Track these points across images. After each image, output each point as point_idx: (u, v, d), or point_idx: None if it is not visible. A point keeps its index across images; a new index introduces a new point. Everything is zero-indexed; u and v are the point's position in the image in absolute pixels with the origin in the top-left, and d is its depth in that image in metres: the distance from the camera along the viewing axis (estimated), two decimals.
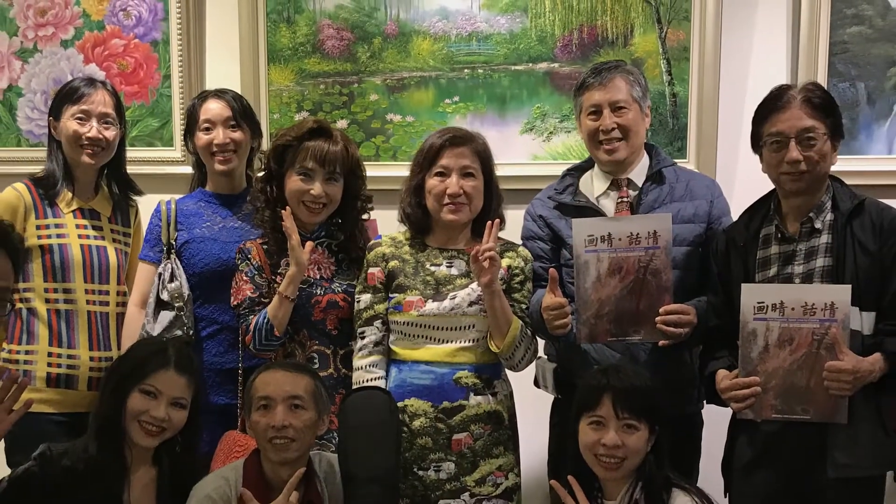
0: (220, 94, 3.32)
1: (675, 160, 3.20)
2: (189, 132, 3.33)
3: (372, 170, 3.27)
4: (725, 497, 2.82)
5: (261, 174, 3.14)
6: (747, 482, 2.75)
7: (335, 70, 3.87)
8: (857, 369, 2.53)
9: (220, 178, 3.32)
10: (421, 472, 2.84)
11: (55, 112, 3.20)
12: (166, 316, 3.12)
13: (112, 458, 2.65)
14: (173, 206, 3.27)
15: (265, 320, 2.88)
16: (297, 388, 2.68)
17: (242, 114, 3.29)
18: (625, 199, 2.99)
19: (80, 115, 3.14)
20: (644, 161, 3.05)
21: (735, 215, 2.95)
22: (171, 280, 3.15)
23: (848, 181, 2.81)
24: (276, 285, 2.93)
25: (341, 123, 3.82)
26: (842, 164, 2.84)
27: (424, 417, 2.84)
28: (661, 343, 2.81)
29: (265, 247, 3.02)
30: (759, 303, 2.62)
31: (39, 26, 3.98)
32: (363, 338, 2.93)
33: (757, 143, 2.77)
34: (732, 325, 2.69)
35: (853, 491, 2.61)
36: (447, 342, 2.88)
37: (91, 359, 3.14)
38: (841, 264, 2.64)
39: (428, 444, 2.83)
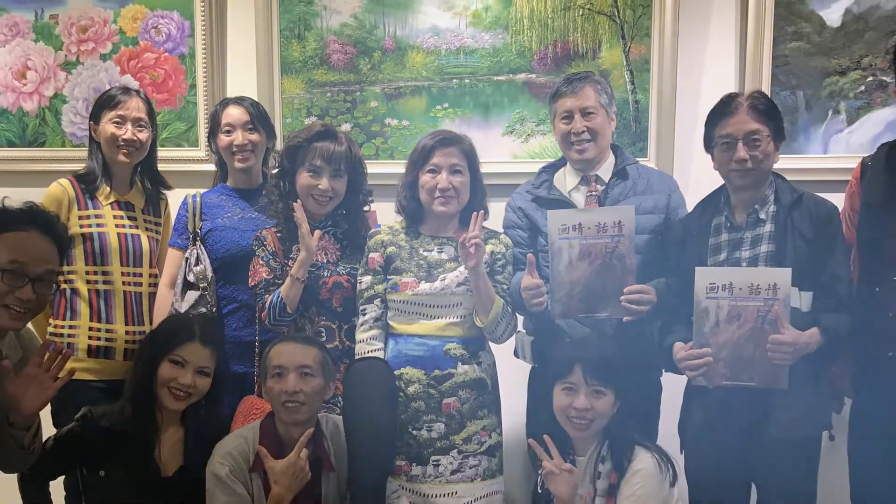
0: (239, 100, 3.31)
1: (638, 159, 3.18)
2: (212, 134, 3.32)
3: (372, 167, 3.24)
4: (681, 454, 2.81)
5: (275, 171, 3.12)
6: (700, 441, 2.74)
7: (340, 80, 3.83)
8: (796, 342, 2.53)
9: (239, 175, 3.30)
10: (415, 432, 2.82)
11: (95, 117, 3.17)
12: (192, 295, 3.10)
13: (145, 419, 2.66)
14: (198, 199, 3.25)
15: (279, 299, 2.87)
16: (307, 358, 2.68)
17: (259, 118, 3.27)
18: (593, 193, 2.97)
19: (116, 120, 3.12)
20: (610, 160, 3.03)
21: (690, 207, 2.94)
22: (197, 264, 3.13)
23: (788, 177, 2.80)
24: (288, 268, 2.92)
25: (345, 127, 3.78)
26: (783, 163, 2.83)
27: (418, 384, 2.82)
28: (625, 319, 2.80)
29: (279, 234, 3.01)
30: (710, 283, 2.61)
31: (81, 42, 3.94)
32: (364, 314, 2.91)
33: (709, 144, 2.76)
34: (687, 303, 2.67)
35: (793, 448, 2.61)
36: (438, 318, 2.86)
37: (126, 332, 3.11)
38: (782, 250, 2.63)
39: (421, 407, 2.82)
